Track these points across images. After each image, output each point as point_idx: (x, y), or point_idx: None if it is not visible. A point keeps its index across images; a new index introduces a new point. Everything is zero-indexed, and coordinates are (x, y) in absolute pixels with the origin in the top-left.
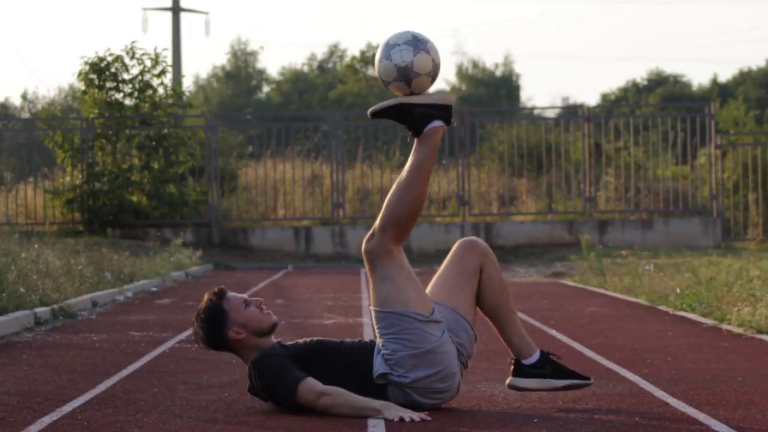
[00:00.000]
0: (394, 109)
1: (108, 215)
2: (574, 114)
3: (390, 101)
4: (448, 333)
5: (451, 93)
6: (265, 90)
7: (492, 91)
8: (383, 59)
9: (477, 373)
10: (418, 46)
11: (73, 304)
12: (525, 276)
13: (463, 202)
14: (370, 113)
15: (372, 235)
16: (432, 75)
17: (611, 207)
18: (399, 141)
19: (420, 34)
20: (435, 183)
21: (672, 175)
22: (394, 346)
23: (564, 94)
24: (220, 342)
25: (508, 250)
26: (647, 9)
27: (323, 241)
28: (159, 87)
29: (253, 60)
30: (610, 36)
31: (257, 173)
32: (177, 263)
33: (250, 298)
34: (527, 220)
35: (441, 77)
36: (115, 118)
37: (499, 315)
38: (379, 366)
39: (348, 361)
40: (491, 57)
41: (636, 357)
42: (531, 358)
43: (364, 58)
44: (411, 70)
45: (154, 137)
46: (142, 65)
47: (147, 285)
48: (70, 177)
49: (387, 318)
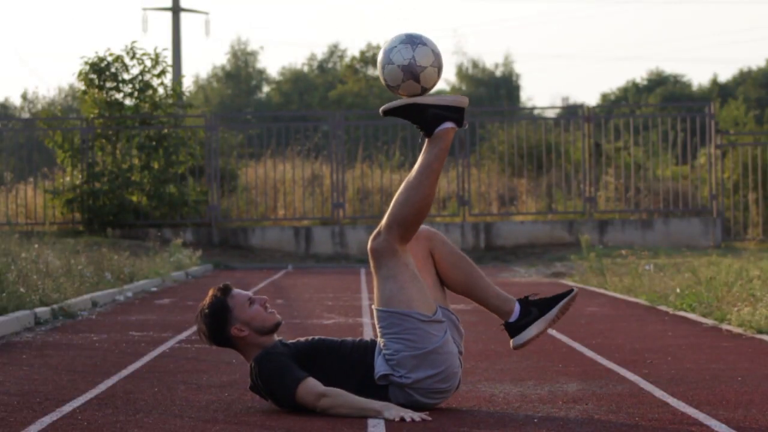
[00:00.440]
0: (407, 108)
1: (108, 215)
2: (574, 114)
3: (404, 100)
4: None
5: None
6: (265, 90)
7: (492, 91)
8: (386, 65)
9: (477, 373)
10: (413, 41)
11: (73, 304)
12: (525, 276)
13: (463, 202)
14: (382, 111)
15: (378, 234)
16: (437, 66)
17: (611, 207)
18: (399, 141)
19: (412, 32)
20: None
21: (672, 175)
22: (396, 346)
23: (564, 94)
24: (222, 338)
25: (508, 250)
26: (647, 9)
27: (323, 241)
28: (159, 87)
29: (253, 60)
30: (610, 36)
31: (257, 173)
32: (177, 263)
33: (254, 296)
34: (527, 220)
35: (441, 77)
36: (115, 118)
37: (468, 286)
38: (381, 367)
39: (349, 361)
40: (491, 57)
41: (636, 357)
42: (514, 313)
43: (364, 58)
44: (415, 65)
45: (154, 137)
46: (142, 65)
47: (147, 285)
48: (70, 177)
49: (389, 318)
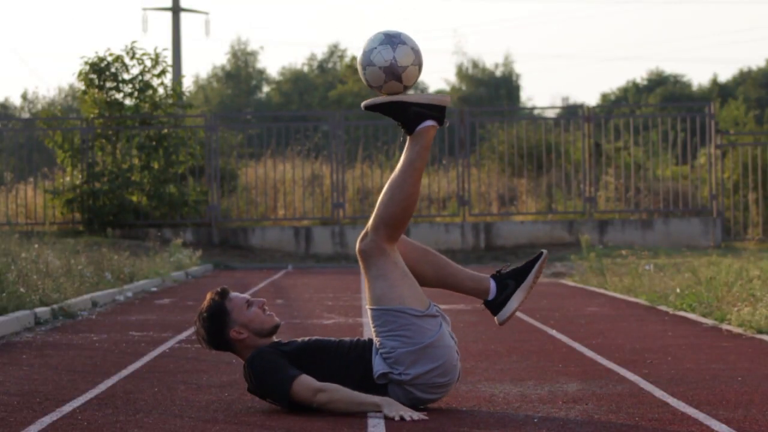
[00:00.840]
0: (389, 106)
1: (108, 215)
2: (574, 114)
3: (386, 97)
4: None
5: (449, 94)
6: (265, 90)
7: (492, 91)
8: (366, 66)
9: (477, 373)
10: (392, 41)
11: (73, 304)
12: None
13: (463, 202)
14: (364, 106)
15: (365, 235)
16: (417, 64)
17: (611, 207)
18: (399, 141)
19: (389, 30)
20: (435, 183)
21: (672, 175)
22: (392, 343)
23: (564, 94)
24: (221, 341)
25: (508, 250)
26: (647, 9)
27: (323, 241)
28: (159, 87)
29: (253, 60)
30: (610, 36)
31: (257, 173)
32: (177, 263)
33: (252, 298)
34: (527, 220)
35: (441, 77)
36: (115, 118)
37: (440, 277)
38: (379, 366)
39: (346, 360)
40: (491, 57)
41: (636, 357)
42: (491, 291)
43: None
44: (396, 65)
45: (154, 137)
46: (142, 65)
47: (147, 285)
48: (70, 177)
49: (383, 315)
